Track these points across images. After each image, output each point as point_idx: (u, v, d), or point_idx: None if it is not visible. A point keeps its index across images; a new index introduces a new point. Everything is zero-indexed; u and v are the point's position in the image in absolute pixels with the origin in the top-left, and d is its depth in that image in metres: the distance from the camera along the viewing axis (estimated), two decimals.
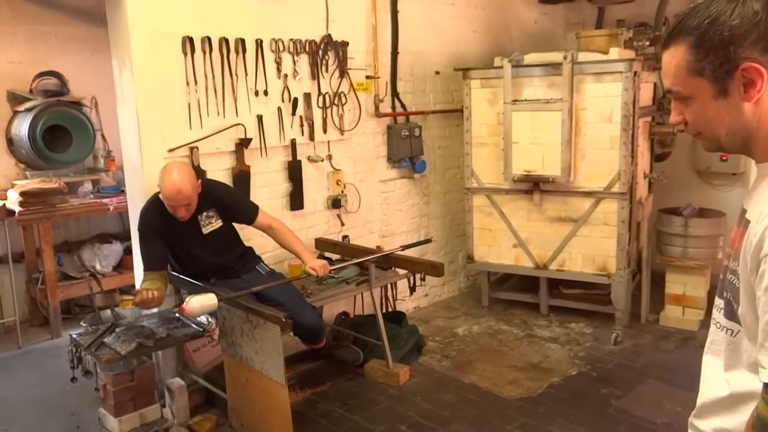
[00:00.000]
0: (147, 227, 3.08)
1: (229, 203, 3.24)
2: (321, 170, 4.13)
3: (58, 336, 4.49)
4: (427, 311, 4.89)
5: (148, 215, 3.09)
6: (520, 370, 3.83)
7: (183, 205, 3.00)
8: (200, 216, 3.17)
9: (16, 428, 3.27)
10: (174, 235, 3.12)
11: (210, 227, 3.20)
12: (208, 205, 3.18)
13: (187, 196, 2.98)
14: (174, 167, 3.00)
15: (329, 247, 4.05)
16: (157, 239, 3.06)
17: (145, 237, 3.07)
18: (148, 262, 3.04)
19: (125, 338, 2.83)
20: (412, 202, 4.81)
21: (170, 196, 2.97)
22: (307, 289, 3.59)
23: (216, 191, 3.22)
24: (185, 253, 3.21)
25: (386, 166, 4.60)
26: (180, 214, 3.02)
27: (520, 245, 4.55)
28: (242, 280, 3.29)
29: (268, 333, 2.78)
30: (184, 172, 2.99)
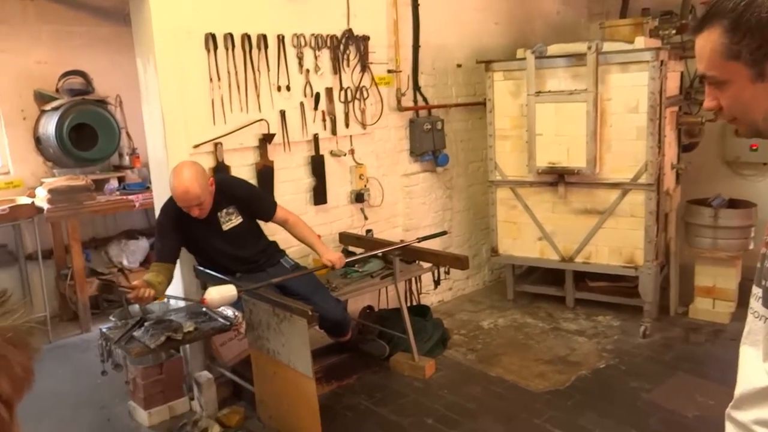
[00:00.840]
0: (164, 222, 3.14)
1: (248, 200, 3.27)
2: (344, 165, 4.15)
3: (88, 330, 4.58)
4: (451, 305, 4.89)
5: (168, 212, 3.14)
6: (547, 363, 3.82)
7: (194, 206, 3.03)
8: (220, 213, 3.20)
9: (49, 421, 3.34)
10: (195, 232, 3.17)
11: (230, 224, 3.24)
12: (227, 202, 3.22)
13: (196, 197, 3.00)
14: (183, 168, 3.03)
15: (353, 241, 4.07)
16: (172, 234, 3.11)
17: (161, 231, 3.13)
18: (158, 254, 3.11)
19: (154, 332, 2.88)
20: (435, 195, 4.81)
21: (179, 197, 3.01)
22: (331, 283, 3.61)
23: (235, 188, 3.25)
24: (208, 248, 3.25)
25: (409, 159, 4.61)
26: (194, 213, 3.06)
27: (545, 238, 4.53)
28: (266, 273, 3.32)
29: (294, 326, 2.81)
30: (193, 172, 3.02)
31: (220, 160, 3.50)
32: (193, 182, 2.99)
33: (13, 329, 0.68)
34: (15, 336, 0.68)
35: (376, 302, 4.30)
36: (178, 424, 3.20)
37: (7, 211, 4.34)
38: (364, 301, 4.22)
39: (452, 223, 4.96)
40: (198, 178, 3.01)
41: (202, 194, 3.02)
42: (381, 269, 3.82)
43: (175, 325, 2.94)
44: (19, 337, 0.69)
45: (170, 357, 3.43)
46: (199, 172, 3.04)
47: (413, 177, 4.65)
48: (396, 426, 3.21)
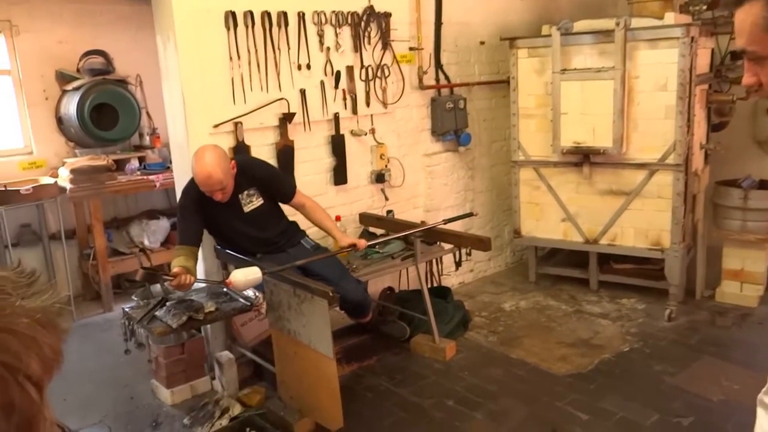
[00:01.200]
0: (186, 204, 3.14)
1: (268, 181, 3.27)
2: (364, 144, 4.13)
3: (110, 310, 4.65)
4: (472, 286, 4.88)
5: (189, 194, 3.14)
6: (570, 346, 3.80)
7: (217, 190, 3.03)
8: (241, 195, 3.20)
9: (73, 399, 3.41)
10: (216, 214, 3.18)
11: (251, 205, 3.24)
12: (248, 183, 3.22)
13: (219, 181, 3.00)
14: (205, 152, 3.02)
15: (373, 221, 4.06)
16: (195, 217, 3.12)
17: (184, 213, 3.14)
18: (182, 237, 3.11)
19: (176, 312, 2.90)
20: (457, 175, 4.78)
21: (201, 182, 3.01)
22: (352, 264, 3.61)
23: (256, 170, 3.25)
24: (229, 230, 3.26)
25: (430, 139, 4.57)
26: (216, 198, 3.06)
27: (568, 219, 4.49)
28: (287, 254, 3.33)
29: (315, 307, 2.82)
30: (215, 157, 3.01)
31: (240, 140, 3.50)
32: (215, 167, 2.98)
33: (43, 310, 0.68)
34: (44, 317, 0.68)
35: (396, 283, 4.30)
36: (200, 403, 3.25)
37: (31, 191, 4.39)
38: (384, 283, 4.22)
39: (474, 203, 4.93)
40: (220, 163, 3.01)
41: (225, 178, 3.02)
42: (402, 250, 3.81)
43: (196, 305, 2.97)
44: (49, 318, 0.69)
45: (192, 337, 3.46)
46: (221, 156, 3.04)
47: (435, 157, 4.61)
48: (416, 407, 3.22)
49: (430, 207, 4.61)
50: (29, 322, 0.65)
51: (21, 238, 4.75)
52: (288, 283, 2.94)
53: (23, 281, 0.69)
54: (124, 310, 3.13)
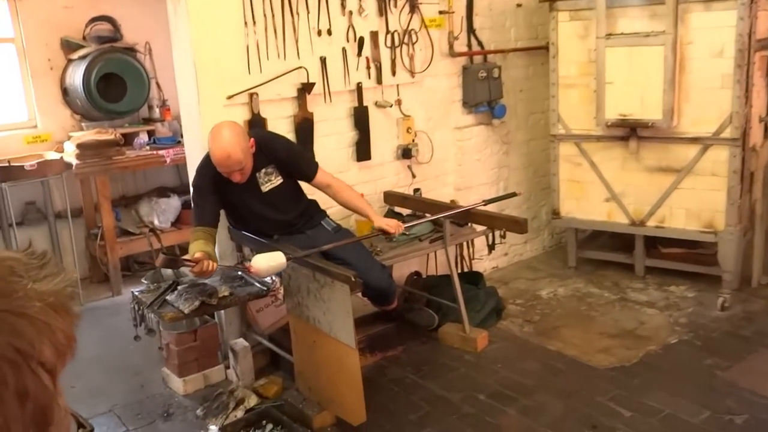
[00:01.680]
0: (201, 184, 3.16)
1: (288, 159, 3.27)
2: (390, 117, 4.12)
3: (119, 293, 4.74)
4: (506, 272, 4.87)
5: (204, 172, 3.16)
6: (612, 337, 3.78)
7: (235, 171, 3.04)
8: (258, 174, 3.20)
9: (82, 385, 3.48)
10: (232, 194, 3.19)
11: (269, 185, 3.25)
12: (266, 161, 3.22)
13: (238, 161, 3.00)
14: (222, 129, 3.02)
15: (399, 201, 4.06)
16: (211, 196, 3.14)
17: (200, 193, 3.16)
18: (199, 217, 3.13)
19: (188, 296, 2.94)
20: (490, 151, 4.75)
21: (220, 162, 3.01)
22: (376, 247, 3.62)
23: (274, 146, 3.25)
24: (245, 211, 3.28)
25: (462, 111, 4.54)
26: (235, 179, 3.07)
27: (613, 199, 4.44)
28: (306, 236, 3.34)
29: (336, 293, 2.83)
30: (234, 135, 3.01)
31: (255, 112, 3.51)
32: (234, 146, 2.98)
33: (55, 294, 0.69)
34: (56, 301, 0.69)
35: (424, 268, 4.30)
36: (214, 394, 3.30)
37: (36, 166, 4.46)
38: (410, 267, 4.22)
39: (509, 182, 4.90)
40: (240, 141, 3.01)
41: (245, 158, 3.02)
42: (430, 232, 3.81)
43: (209, 289, 3.00)
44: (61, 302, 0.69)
45: (205, 323, 3.51)
46: (240, 134, 3.04)
47: (466, 131, 4.58)
48: (444, 401, 3.23)
49: (460, 185, 4.59)
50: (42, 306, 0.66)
51: (26, 217, 4.84)
52: (307, 267, 2.96)
53: (35, 263, 0.70)
54: (133, 293, 3.18)
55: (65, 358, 0.69)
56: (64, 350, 0.68)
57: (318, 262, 2.95)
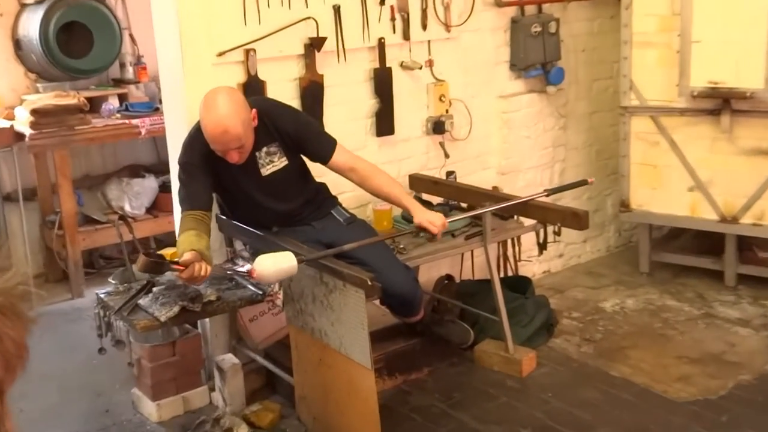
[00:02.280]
0: (190, 161, 3.16)
1: (296, 135, 3.25)
2: (419, 81, 4.11)
3: (80, 295, 4.78)
4: (561, 277, 4.86)
5: (194, 147, 3.16)
6: (694, 362, 3.76)
7: (233, 149, 3.03)
8: (258, 153, 3.20)
9: (34, 407, 3.52)
10: (225, 176, 3.20)
11: (271, 167, 3.24)
12: (269, 137, 3.21)
13: (237, 137, 2.99)
14: (218, 97, 3.01)
15: (428, 186, 4.06)
16: (202, 176, 3.15)
17: (191, 170, 3.16)
18: (190, 199, 3.13)
19: (165, 300, 2.96)
20: (543, 126, 4.73)
21: (214, 138, 3.00)
22: (398, 244, 3.62)
23: (280, 119, 3.24)
24: (240, 197, 3.29)
25: (509, 75, 4.52)
26: (232, 159, 3.06)
27: (698, 188, 4.42)
28: (312, 228, 3.35)
29: (348, 300, 2.83)
30: (233, 105, 3.00)
31: (252, 74, 3.51)
32: (233, 118, 2.98)
33: (4, 293, 0.68)
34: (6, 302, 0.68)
35: (457, 271, 4.29)
36: (195, 421, 3.32)
37: None
38: (441, 269, 4.21)
39: (566, 164, 4.87)
40: (240, 113, 3.00)
41: (245, 134, 3.02)
42: (466, 226, 3.80)
43: (192, 292, 3.02)
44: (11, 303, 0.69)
45: (185, 334, 3.53)
46: (240, 104, 3.03)
47: (514, 100, 4.57)
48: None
49: (505, 168, 4.58)
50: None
51: None
52: (312, 268, 2.96)
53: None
54: (98, 296, 3.20)
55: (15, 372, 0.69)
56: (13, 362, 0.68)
57: (326, 261, 2.95)
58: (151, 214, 5.06)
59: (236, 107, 3.01)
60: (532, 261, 4.61)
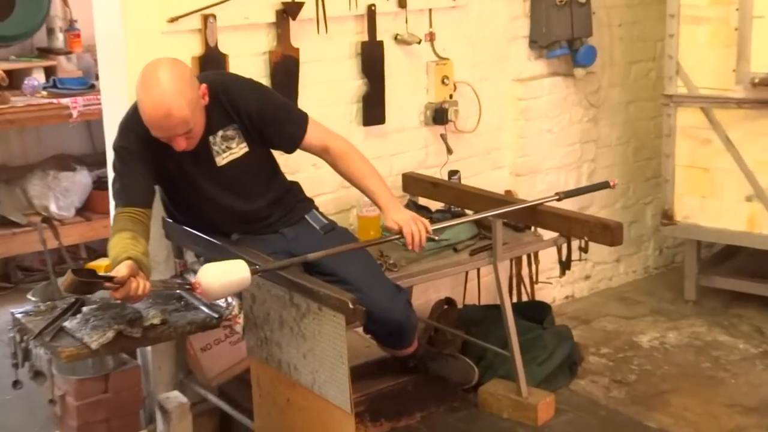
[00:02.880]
0: (130, 146, 3.13)
1: (260, 115, 3.23)
2: (416, 59, 4.13)
3: None
4: (587, 304, 4.88)
5: (131, 129, 3.13)
6: (750, 412, 3.78)
7: (179, 135, 3.02)
8: (212, 138, 3.18)
9: None
10: (170, 166, 3.18)
11: (229, 155, 3.22)
12: (225, 118, 3.19)
13: (183, 121, 2.96)
14: (158, 71, 2.96)
15: (425, 188, 4.06)
16: (141, 165, 3.12)
17: (123, 159, 3.14)
18: (123, 194, 3.10)
19: (97, 323, 2.93)
20: (570, 117, 4.75)
21: (155, 123, 2.96)
22: (387, 258, 3.62)
23: (240, 96, 3.22)
24: (191, 194, 3.27)
25: (527, 54, 4.56)
26: (179, 146, 3.03)
27: (757, 198, 4.44)
28: (281, 236, 3.34)
29: (324, 326, 2.83)
30: (176, 81, 2.96)
31: (211, 45, 3.51)
32: (178, 98, 2.95)
33: None
34: None
35: (460, 293, 4.30)
36: None
37: None
38: (439, 291, 4.22)
39: (596, 165, 4.90)
40: (185, 90, 2.97)
41: (192, 116, 2.99)
42: (471, 238, 3.81)
43: (130, 313, 2.99)
44: None
45: (121, 365, 3.51)
46: (185, 79, 3.00)
47: (533, 84, 4.59)
48: None
49: (521, 168, 4.59)
50: None
51: None
52: (281, 285, 2.96)
53: None
54: (14, 316, 3.17)
55: None
56: None
57: (298, 278, 2.94)
58: (82, 216, 5.05)
59: (181, 83, 2.98)
60: (552, 283, 4.63)
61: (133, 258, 2.85)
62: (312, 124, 3.30)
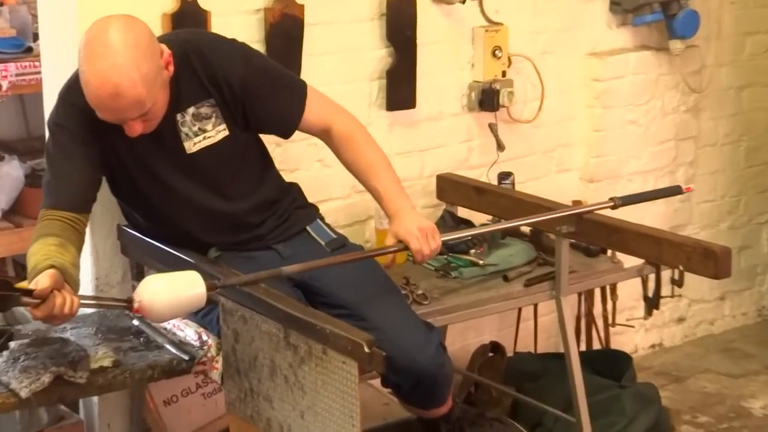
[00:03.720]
0: (62, 124, 3.14)
1: (243, 85, 3.22)
2: (459, 24, 4.17)
3: None
4: (681, 356, 4.90)
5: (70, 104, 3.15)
6: None
7: (132, 118, 3.01)
8: (181, 116, 3.17)
9: None
10: (124, 155, 3.19)
11: (202, 140, 3.22)
12: (199, 92, 3.18)
13: (136, 101, 2.92)
14: (104, 35, 2.91)
15: (468, 195, 4.07)
16: (83, 152, 3.12)
17: (57, 142, 3.15)
18: (54, 191, 3.10)
19: (29, 363, 2.95)
20: (662, 105, 4.77)
21: (99, 102, 2.91)
22: (414, 286, 3.63)
23: (218, 60, 3.20)
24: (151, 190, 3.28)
25: (607, 20, 4.59)
26: (132, 131, 3.01)
27: None
28: (274, 253, 3.35)
29: (330, 376, 2.83)
30: (129, 48, 2.91)
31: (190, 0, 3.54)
32: (129, 72, 2.92)
33: None
34: None
35: (510, 336, 4.32)
36: None
37: None
38: (483, 333, 4.24)
39: (695, 169, 4.92)
40: (140, 63, 2.93)
41: (150, 95, 2.97)
42: (527, 263, 3.82)
43: (74, 351, 3.02)
44: None
45: (59, 420, 3.52)
46: (141, 46, 2.96)
47: (614, 61, 4.61)
48: None
49: (595, 171, 4.61)
50: None
51: None
52: (273, 318, 2.98)
53: None
54: None
55: None
56: None
57: (294, 309, 2.96)
58: (9, 221, 5.07)
59: (134, 52, 2.94)
60: (635, 327, 4.62)
61: (57, 267, 2.83)
62: (313, 96, 3.30)
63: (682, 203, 4.74)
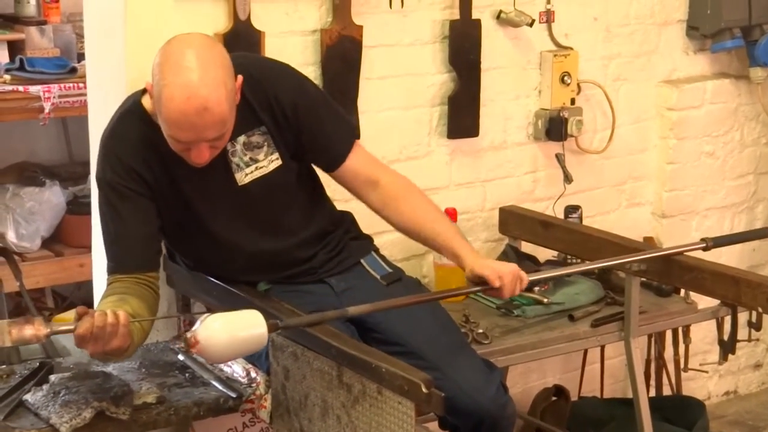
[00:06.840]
0: (110, 183, 3.13)
1: (295, 110, 3.23)
2: (526, 48, 4.18)
3: None
4: (757, 404, 4.87)
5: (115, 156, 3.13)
6: None
7: (208, 140, 2.99)
8: (232, 146, 3.19)
9: None
10: (175, 190, 3.19)
11: (254, 170, 3.22)
12: (250, 119, 3.19)
13: (221, 120, 2.87)
14: (189, 50, 2.95)
15: (532, 229, 4.07)
16: (142, 203, 3.11)
17: (108, 202, 3.12)
18: (112, 255, 3.12)
19: (70, 397, 2.97)
20: (741, 136, 4.76)
21: (183, 119, 2.85)
22: (474, 324, 3.64)
23: (270, 84, 3.19)
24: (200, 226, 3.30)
25: (683, 45, 4.59)
26: (199, 157, 2.97)
27: None
28: (327, 287, 3.37)
29: (385, 417, 2.84)
30: (215, 64, 2.95)
31: (242, 18, 3.57)
32: (217, 89, 2.89)
33: None
34: None
35: (575, 380, 4.32)
36: None
37: None
38: (546, 375, 4.24)
39: None
40: (226, 80, 2.95)
41: (231, 114, 2.97)
42: (594, 303, 3.82)
43: (116, 386, 3.05)
44: None
45: None
46: (226, 65, 2.98)
47: (690, 89, 4.59)
48: None
49: (669, 207, 4.60)
50: None
51: None
52: (326, 356, 2.99)
53: None
54: None
55: None
56: None
57: (349, 348, 2.97)
58: (50, 250, 5.10)
59: (222, 70, 2.96)
60: (708, 372, 4.61)
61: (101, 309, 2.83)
62: (357, 148, 3.30)
63: (762, 241, 4.72)
